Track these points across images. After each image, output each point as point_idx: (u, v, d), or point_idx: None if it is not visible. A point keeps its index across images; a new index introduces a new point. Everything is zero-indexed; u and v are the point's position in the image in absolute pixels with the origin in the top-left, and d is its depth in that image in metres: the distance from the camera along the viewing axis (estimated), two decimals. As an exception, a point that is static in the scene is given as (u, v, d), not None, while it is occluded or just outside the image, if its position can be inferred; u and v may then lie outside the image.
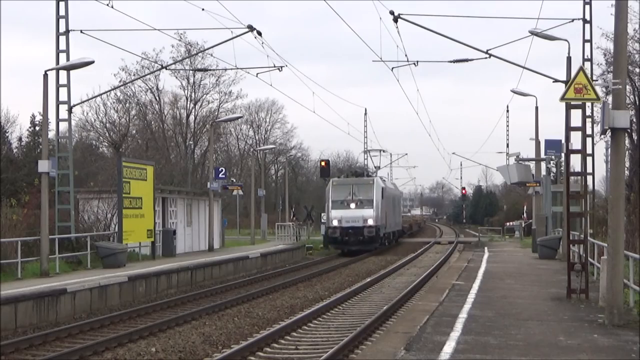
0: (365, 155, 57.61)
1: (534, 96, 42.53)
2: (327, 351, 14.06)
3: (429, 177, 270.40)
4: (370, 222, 44.87)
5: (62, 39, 29.59)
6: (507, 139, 73.40)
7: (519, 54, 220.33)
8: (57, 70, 28.35)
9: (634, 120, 33.03)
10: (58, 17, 29.65)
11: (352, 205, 45.45)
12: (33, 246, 25.63)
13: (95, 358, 14.35)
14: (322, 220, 62.98)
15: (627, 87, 28.43)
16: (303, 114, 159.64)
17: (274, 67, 32.80)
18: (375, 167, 59.02)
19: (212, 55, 58.17)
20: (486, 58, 28.10)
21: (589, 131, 28.58)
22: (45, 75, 24.81)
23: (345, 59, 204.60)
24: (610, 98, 22.22)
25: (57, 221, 28.40)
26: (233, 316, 19.32)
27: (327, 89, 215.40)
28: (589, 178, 28.33)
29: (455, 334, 13.27)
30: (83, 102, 42.18)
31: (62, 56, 29.49)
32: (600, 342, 12.77)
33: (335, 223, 45.15)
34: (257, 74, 34.41)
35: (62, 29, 29.63)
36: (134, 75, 57.20)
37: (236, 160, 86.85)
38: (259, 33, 28.73)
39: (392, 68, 33.34)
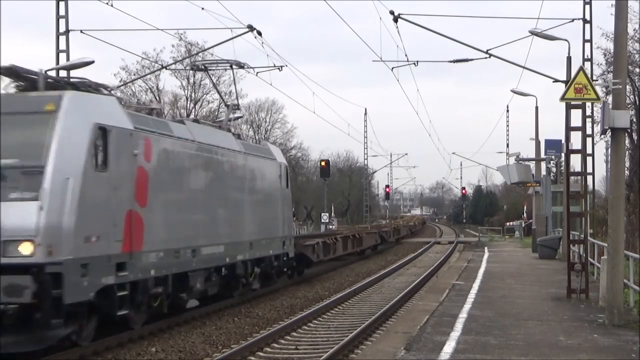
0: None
1: (534, 96, 42.87)
2: (327, 351, 14.05)
3: (429, 177, 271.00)
4: (27, 248, 12.69)
5: (62, 38, 29.61)
6: (507, 139, 73.63)
7: (519, 54, 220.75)
8: (57, 70, 28.35)
9: (634, 120, 32.99)
10: (58, 17, 29.66)
11: None
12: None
13: (95, 358, 14.34)
14: (322, 220, 62.81)
15: (627, 87, 28.36)
16: (303, 114, 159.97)
17: (274, 66, 32.80)
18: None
19: (212, 55, 58.20)
20: (486, 58, 28.08)
21: (589, 131, 28.59)
22: (45, 75, 24.78)
23: (346, 59, 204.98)
24: (610, 98, 22.21)
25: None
26: (233, 316, 19.30)
27: (327, 89, 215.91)
28: (589, 178, 28.36)
29: (455, 333, 13.27)
30: (83, 102, 42.15)
31: (62, 56, 29.50)
32: (600, 342, 12.77)
33: None
34: (257, 72, 34.25)
35: (62, 29, 29.64)
36: (134, 75, 57.25)
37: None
38: (259, 33, 28.73)
39: (392, 68, 33.24)
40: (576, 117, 22.84)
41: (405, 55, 70.11)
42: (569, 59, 28.75)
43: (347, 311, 20.62)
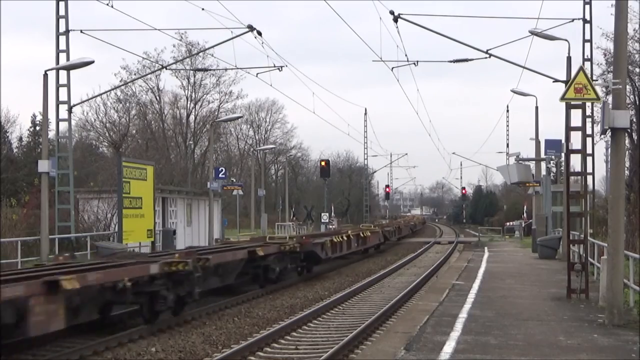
0: None
1: (534, 96, 42.69)
2: (327, 351, 14.04)
3: (429, 177, 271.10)
4: None
5: (62, 38, 29.64)
6: (507, 139, 73.81)
7: (519, 54, 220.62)
8: (57, 70, 28.38)
9: (634, 120, 33.02)
10: (58, 17, 29.70)
11: None
12: (33, 246, 25.65)
13: (95, 358, 14.33)
14: (322, 220, 63.11)
15: (627, 87, 28.44)
16: (303, 114, 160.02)
17: (274, 67, 32.86)
18: None
19: (212, 55, 58.31)
20: (486, 58, 28.15)
21: (589, 131, 28.59)
22: (45, 75, 24.81)
23: (346, 60, 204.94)
24: (610, 98, 22.24)
25: (57, 221, 28.42)
26: (233, 316, 19.29)
27: (327, 89, 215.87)
28: (589, 178, 28.34)
29: (455, 333, 13.27)
30: (83, 102, 42.29)
31: (62, 56, 29.54)
32: (600, 342, 12.77)
33: None
34: (257, 74, 34.38)
35: (62, 28, 29.68)
36: (135, 74, 57.25)
37: (236, 160, 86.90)
38: (259, 33, 28.77)
39: (392, 68, 33.32)
40: (576, 117, 22.83)
41: (405, 55, 70.26)
42: (569, 59, 28.76)
43: (347, 311, 20.60)
